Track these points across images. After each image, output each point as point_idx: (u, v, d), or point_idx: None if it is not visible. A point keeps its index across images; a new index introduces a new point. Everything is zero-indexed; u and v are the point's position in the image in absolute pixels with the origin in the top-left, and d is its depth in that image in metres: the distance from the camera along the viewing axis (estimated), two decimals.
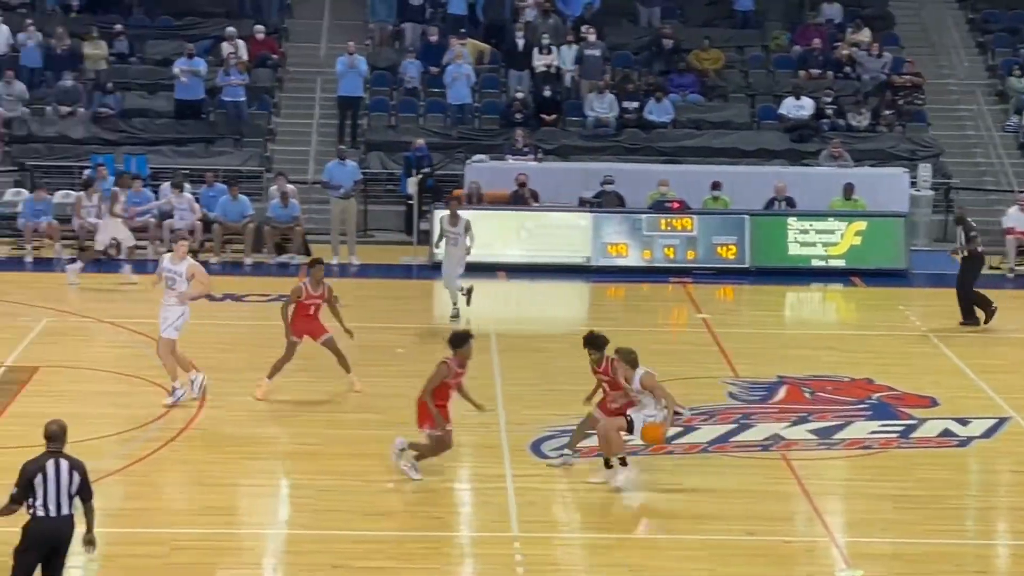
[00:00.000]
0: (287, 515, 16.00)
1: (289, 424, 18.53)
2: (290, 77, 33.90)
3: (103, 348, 21.35)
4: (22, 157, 30.43)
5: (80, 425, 17.70)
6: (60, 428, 12.47)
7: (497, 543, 15.07)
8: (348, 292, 25.12)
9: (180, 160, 30.47)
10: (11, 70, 31.43)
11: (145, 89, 32.47)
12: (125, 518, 15.40)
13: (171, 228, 27.42)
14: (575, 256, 27.53)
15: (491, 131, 32.14)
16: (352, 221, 28.04)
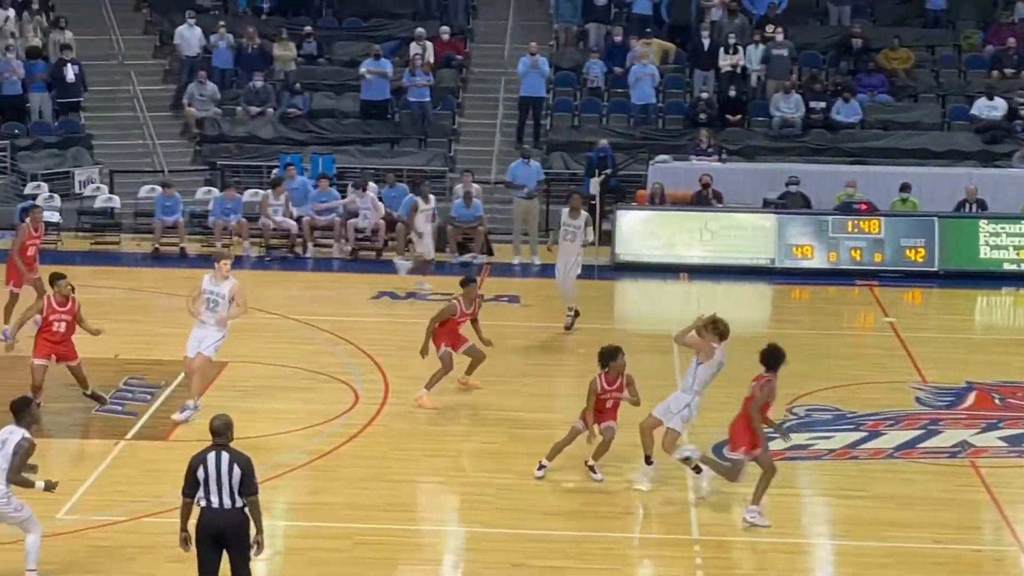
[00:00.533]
0: (467, 513, 16.07)
1: (470, 422, 18.61)
2: (474, 78, 34.11)
3: (290, 344, 21.66)
4: (213, 157, 31.07)
5: (266, 420, 18.13)
6: (224, 423, 12.73)
7: (676, 545, 14.98)
8: (529, 292, 25.24)
9: (365, 160, 30.83)
10: (204, 71, 32.11)
11: (332, 90, 32.93)
12: (310, 512, 15.64)
13: (355, 228, 27.79)
14: (759, 258, 27.24)
15: (675, 131, 31.97)
16: (535, 221, 28.09)
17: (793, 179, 28.59)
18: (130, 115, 32.26)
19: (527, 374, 20.61)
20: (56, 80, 31.42)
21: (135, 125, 32.05)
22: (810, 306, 25.83)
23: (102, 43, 33.74)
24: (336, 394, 19.29)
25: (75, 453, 17.06)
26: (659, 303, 25.55)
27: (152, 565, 14.06)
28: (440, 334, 19.13)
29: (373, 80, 31.69)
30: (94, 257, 26.82)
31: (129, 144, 31.72)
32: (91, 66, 32.37)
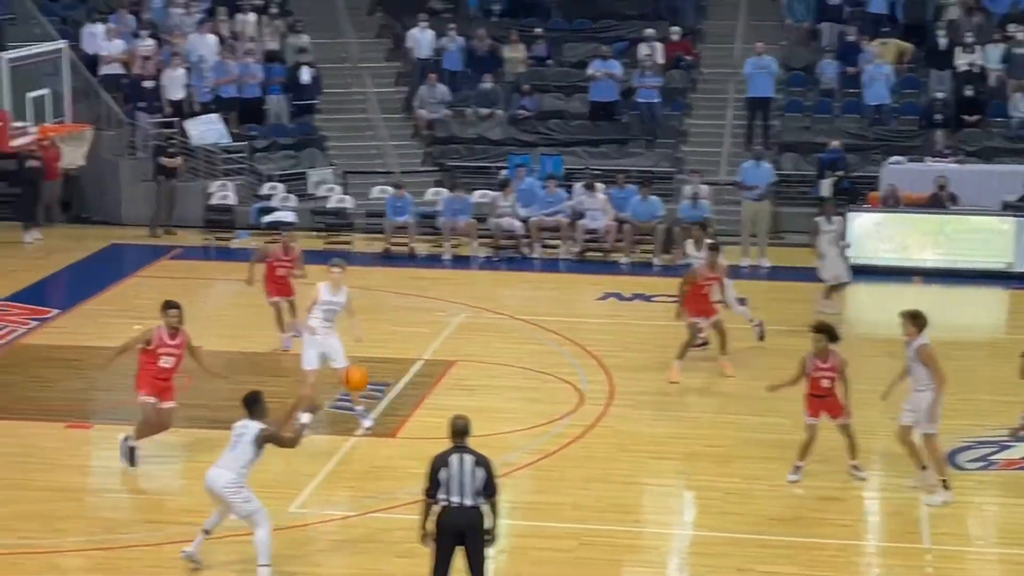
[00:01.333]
0: (692, 516, 15.97)
1: (696, 425, 18.50)
2: (704, 78, 33.89)
3: (516, 344, 21.79)
4: (442, 158, 31.43)
5: (492, 419, 18.26)
6: (466, 424, 12.88)
7: (907, 554, 14.68)
8: (758, 294, 24.94)
9: (593, 161, 30.86)
10: (434, 73, 32.52)
11: (561, 91, 33.05)
12: (534, 511, 15.70)
13: (584, 229, 27.83)
14: (996, 262, 26.50)
15: (909, 132, 31.30)
16: (764, 223, 27.78)
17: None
18: (363, 117, 32.84)
19: (755, 377, 20.34)
20: (292, 83, 32.15)
21: (368, 127, 32.61)
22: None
23: (337, 47, 34.39)
24: (561, 394, 19.34)
25: (306, 449, 17.34)
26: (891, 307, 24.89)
27: (381, 560, 14.27)
28: (689, 302, 19.72)
29: (602, 81, 31.71)
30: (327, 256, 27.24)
31: (362, 146, 32.28)
32: (326, 69, 33.04)
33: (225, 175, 30.23)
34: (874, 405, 18.84)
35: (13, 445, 17.40)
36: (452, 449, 12.74)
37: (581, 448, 17.55)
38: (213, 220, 29.13)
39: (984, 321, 24.66)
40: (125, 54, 31.17)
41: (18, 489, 16.08)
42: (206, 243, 28.29)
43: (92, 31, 31.30)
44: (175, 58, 30.72)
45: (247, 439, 13.68)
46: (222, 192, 29.61)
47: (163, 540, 14.67)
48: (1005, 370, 20.56)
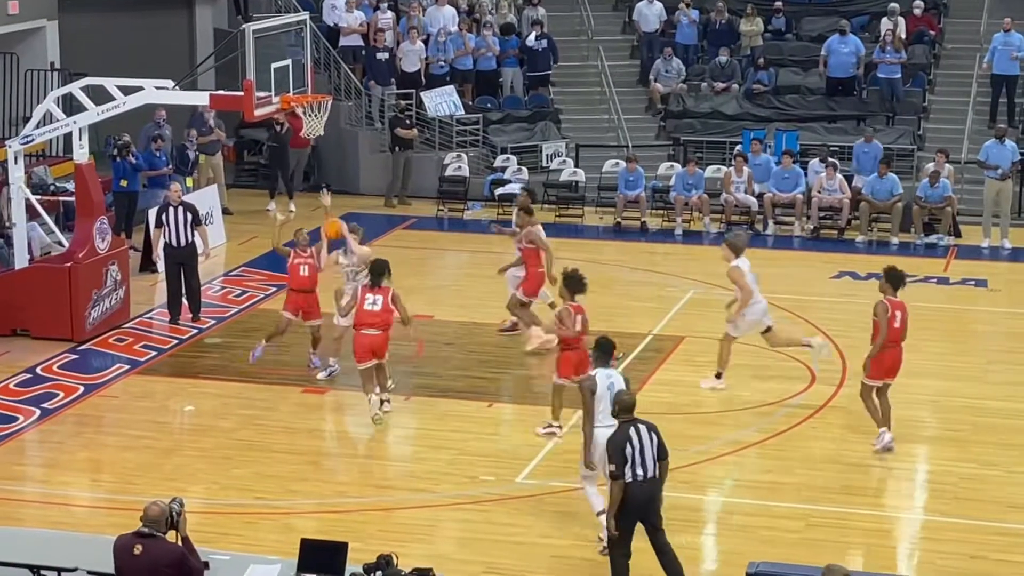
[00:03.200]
0: (925, 500, 15.67)
1: (932, 409, 18.11)
2: (947, 54, 33.09)
3: None
4: (676, 132, 31.27)
5: (721, 397, 18.19)
6: (632, 400, 12.97)
7: None
8: (998, 276, 24.35)
9: (830, 137, 30.38)
10: (670, 47, 32.36)
11: (799, 65, 32.59)
12: (763, 490, 15.57)
13: (819, 206, 27.42)
14: None
15: None
16: (1007, 203, 27.00)
17: None
18: (597, 90, 32.85)
19: (993, 360, 19.90)
20: (527, 56, 32.31)
21: (602, 100, 32.61)
22: None
23: (572, 19, 34.46)
24: (792, 373, 19.12)
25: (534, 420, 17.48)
26: None
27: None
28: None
29: (840, 56, 31.15)
30: (559, 229, 27.44)
31: (595, 119, 32.31)
32: (561, 42, 33.11)
33: (459, 147, 30.56)
34: None
35: (252, 408, 17.90)
36: (626, 424, 12.78)
37: (812, 428, 17.34)
38: (447, 191, 29.48)
39: None
40: (364, 25, 31.71)
41: (257, 451, 16.54)
42: (439, 214, 28.68)
43: (333, 3, 31.88)
44: (412, 30, 31.12)
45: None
46: (456, 163, 29.92)
47: (393, 505, 14.93)
48: None
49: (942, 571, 13.66)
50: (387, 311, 17.18)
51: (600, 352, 14.21)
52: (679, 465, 15.92)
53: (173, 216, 21.07)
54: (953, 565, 13.77)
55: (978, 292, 23.47)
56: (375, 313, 17.15)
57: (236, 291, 22.76)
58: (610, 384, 13.81)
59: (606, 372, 14.00)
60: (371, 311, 17.16)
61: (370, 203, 29.10)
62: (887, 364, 16.54)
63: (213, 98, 20.85)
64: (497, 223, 23.78)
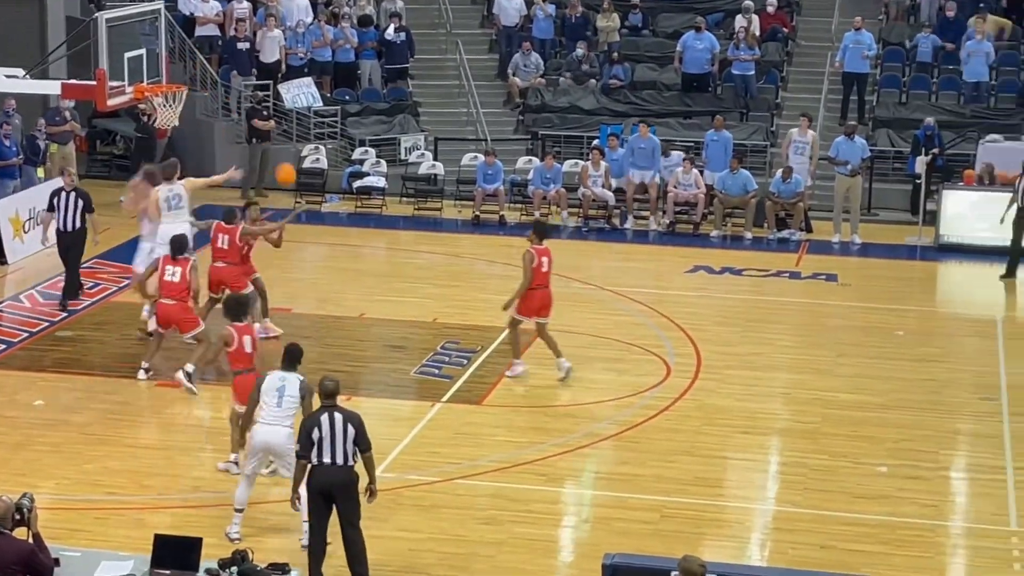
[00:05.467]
0: (777, 491, 15.92)
1: (783, 401, 18.41)
2: (800, 51, 33.61)
3: (604, 315, 21.77)
4: (534, 126, 31.38)
5: (579, 389, 18.31)
6: (336, 385, 13.02)
7: (993, 536, 14.55)
8: (849, 270, 24.79)
9: (686, 133, 30.69)
10: (528, 42, 32.46)
11: (655, 61, 32.88)
12: (618, 483, 15.72)
13: (674, 201, 27.69)
14: None
15: (1007, 110, 30.87)
16: (857, 199, 27.47)
17: None
18: (455, 84, 32.87)
19: (843, 354, 20.26)
20: (385, 48, 32.21)
21: (460, 94, 32.62)
22: None
23: (431, 12, 34.42)
24: (648, 366, 19.32)
25: (392, 413, 17.50)
26: (984, 287, 24.72)
27: (464, 526, 14.35)
28: None
29: (695, 52, 31.48)
30: (417, 222, 27.45)
31: (453, 112, 32.32)
32: (419, 35, 33.06)
33: (317, 139, 30.40)
34: (962, 385, 18.76)
35: (104, 402, 17.67)
36: (322, 409, 12.87)
37: (667, 420, 17.52)
38: (304, 183, 29.27)
39: None
40: (220, 15, 31.40)
41: (108, 445, 16.33)
42: (297, 206, 28.50)
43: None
44: (270, 20, 30.88)
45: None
46: (314, 156, 29.76)
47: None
48: None
49: (793, 561, 13.88)
50: (184, 282, 18.03)
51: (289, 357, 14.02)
52: (537, 458, 16.06)
53: (64, 201, 21.16)
54: (804, 555, 14.00)
55: (829, 286, 23.88)
56: (173, 284, 18.02)
57: (89, 284, 22.39)
58: (281, 387, 13.79)
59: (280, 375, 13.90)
60: (170, 282, 18.03)
61: (226, 195, 28.74)
62: (536, 304, 18.58)
63: (65, 87, 20.50)
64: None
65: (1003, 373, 19.34)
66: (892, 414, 17.75)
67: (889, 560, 13.89)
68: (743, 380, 18.93)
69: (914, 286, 24.82)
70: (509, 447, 16.37)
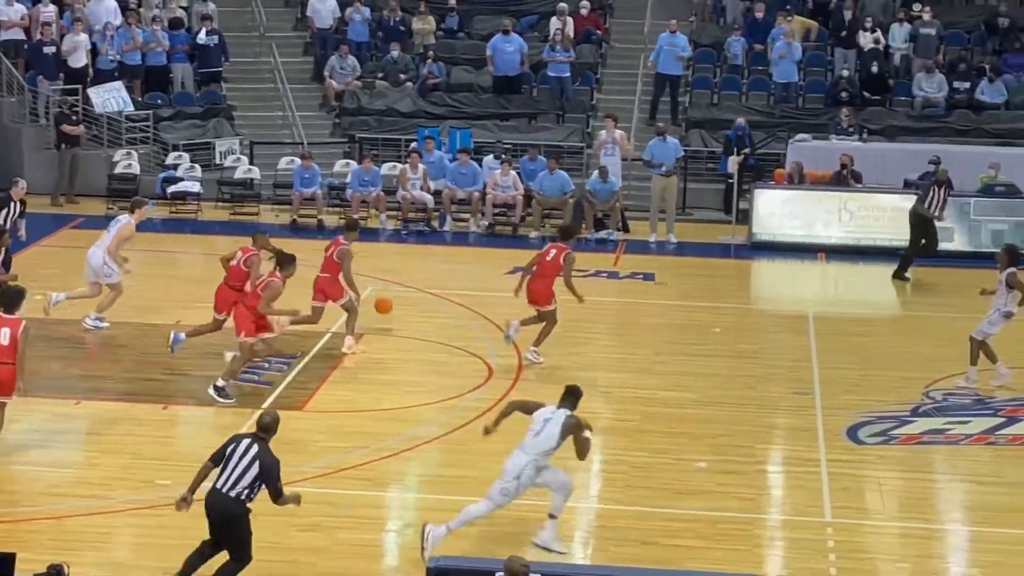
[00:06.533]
0: (599, 489, 16.06)
1: (604, 400, 18.56)
2: (614, 53, 33.99)
3: (425, 318, 21.77)
4: (352, 129, 31.27)
5: (402, 393, 18.27)
6: (273, 421, 12.79)
7: (808, 527, 14.84)
8: (666, 269, 25.13)
9: (503, 134, 30.84)
10: (345, 45, 32.31)
11: (471, 64, 32.99)
12: (443, 485, 15.70)
13: (493, 202, 27.82)
14: (898, 239, 26.80)
15: (815, 110, 31.60)
16: (672, 199, 27.89)
17: (934, 158, 28.08)
18: (270, 87, 32.61)
19: (661, 352, 20.52)
20: (197, 51, 31.83)
21: (275, 97, 32.38)
22: (949, 289, 25.37)
23: (244, 15, 34.11)
24: (470, 368, 19.36)
25: (211, 422, 17.28)
26: (796, 283, 25.27)
27: (283, 534, 14.20)
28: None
29: (505, 55, 31.63)
30: (233, 227, 27.14)
31: (269, 116, 32.07)
32: (233, 38, 32.74)
33: (129, 144, 29.91)
34: (777, 380, 19.13)
35: None
36: (248, 435, 12.65)
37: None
38: (117, 189, 28.81)
39: (886, 298, 24.95)
40: (25, 19, 30.72)
41: None
42: (110, 212, 27.95)
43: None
44: (77, 24, 30.29)
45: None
46: (126, 161, 29.29)
47: (65, 513, 14.52)
48: (906, 346, 20.94)
49: (615, 558, 14.01)
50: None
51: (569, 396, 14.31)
52: (360, 462, 16.00)
53: (14, 211, 21.79)
54: (626, 551, 14.15)
55: (646, 285, 24.18)
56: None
57: None
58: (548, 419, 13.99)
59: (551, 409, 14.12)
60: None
61: (36, 202, 28.10)
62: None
63: None
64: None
65: (816, 367, 19.76)
66: (710, 410, 18.04)
67: (710, 554, 14.09)
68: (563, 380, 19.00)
69: (729, 284, 25.26)
70: (332, 452, 16.27)
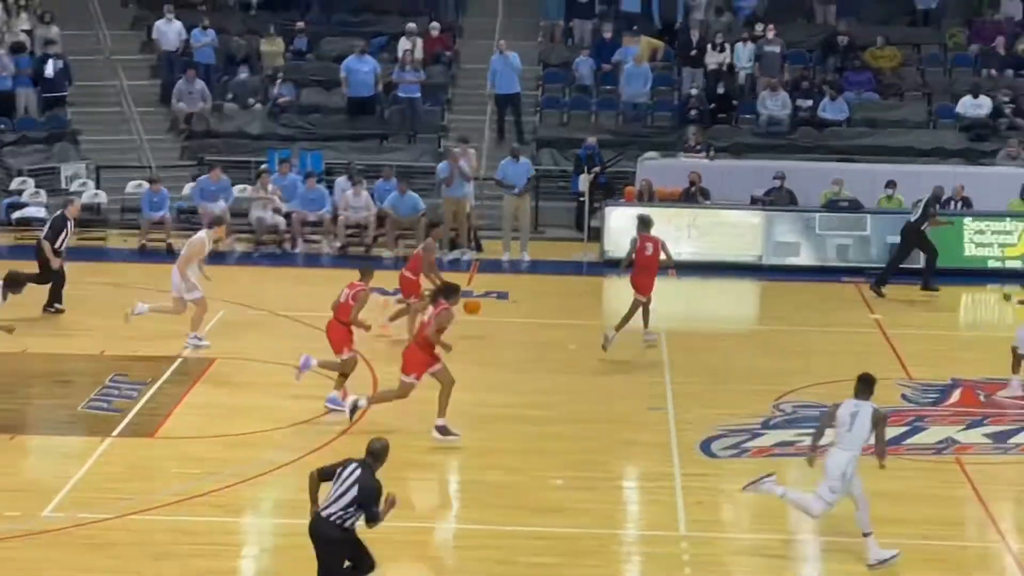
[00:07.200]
0: (457, 509, 16.07)
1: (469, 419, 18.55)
2: (463, 74, 34.12)
3: (278, 341, 21.63)
4: (201, 152, 31.00)
5: (255, 417, 18.13)
6: (381, 447, 13.02)
7: (664, 542, 14.99)
8: (520, 288, 25.26)
9: (354, 156, 30.79)
10: (192, 68, 32.03)
11: (321, 85, 32.91)
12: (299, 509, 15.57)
13: (345, 223, 27.75)
14: (746, 255, 27.26)
15: (663, 128, 32.00)
16: (525, 218, 28.05)
17: (779, 174, 28.64)
18: (117, 111, 32.23)
19: (518, 370, 20.61)
20: (41, 75, 31.35)
21: (122, 120, 32.01)
22: (797, 303, 25.85)
23: (88, 38, 33.68)
24: (326, 390, 19.25)
25: (61, 450, 17.02)
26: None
27: (138, 562, 14.04)
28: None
29: (360, 75, 31.59)
30: (81, 253, 26.72)
31: (116, 140, 31.68)
32: (78, 61, 32.30)
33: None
34: (632, 395, 19.32)
35: None
36: (359, 460, 12.80)
37: (345, 444, 17.44)
38: None
39: (736, 312, 25.33)
40: None
41: None
42: None
43: None
44: None
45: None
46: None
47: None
48: (756, 360, 21.27)
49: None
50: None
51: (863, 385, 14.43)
52: (213, 489, 15.84)
53: (70, 231, 23.22)
54: (484, 571, 14.18)
55: (500, 304, 24.27)
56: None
57: None
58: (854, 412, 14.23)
59: (854, 402, 14.34)
60: None
61: None
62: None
63: None
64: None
65: (668, 382, 19.99)
66: (566, 427, 18.15)
67: (569, 571, 14.17)
68: (421, 400, 19.04)
69: (583, 300, 25.46)
70: (185, 479, 16.09)
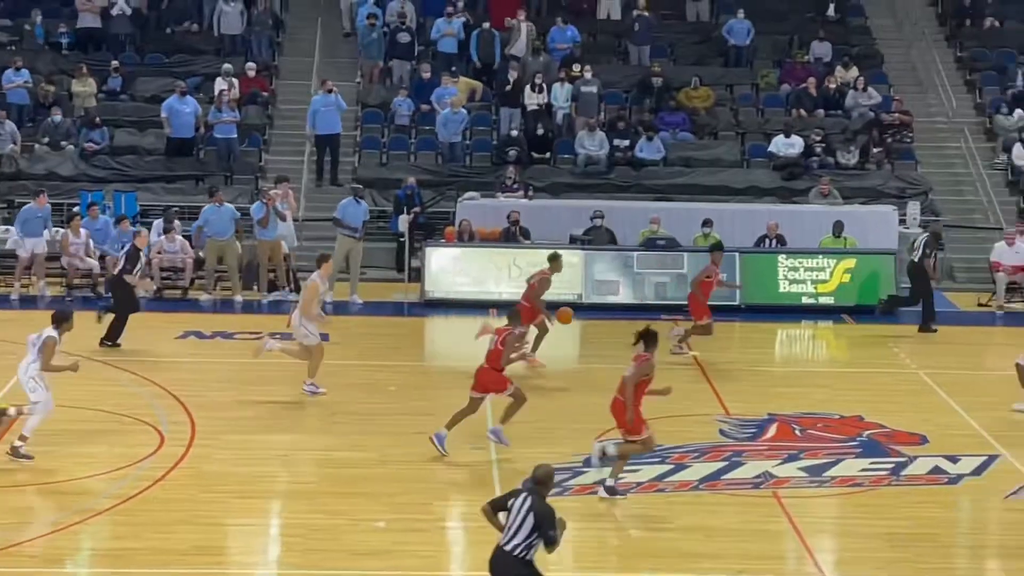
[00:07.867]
0: (277, 554, 15.93)
1: (280, 463, 18.44)
2: (280, 115, 33.96)
3: (93, 386, 21.23)
4: (11, 195, 30.40)
5: (70, 464, 17.77)
6: (546, 473, 12.75)
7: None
8: (344, 329, 25.13)
9: (170, 197, 30.45)
10: (4, 110, 31.40)
11: (135, 126, 32.50)
12: (115, 558, 15.33)
13: (160, 266, 27.40)
14: (566, 293, 27.47)
15: (482, 168, 32.19)
16: (357, 260, 27.75)
17: (597, 213, 28.97)
18: None
19: (338, 412, 20.52)
20: None
21: None
22: (617, 341, 26.06)
23: None
24: (141, 436, 18.98)
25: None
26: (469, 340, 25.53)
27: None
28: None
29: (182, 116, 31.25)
30: None
31: None
32: None
33: None
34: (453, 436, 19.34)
35: None
36: (527, 489, 12.62)
37: (163, 491, 17.23)
38: None
39: (556, 351, 25.48)
40: None
41: None
42: None
43: None
44: None
45: None
46: None
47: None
48: (576, 398, 21.45)
49: None
50: None
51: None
52: (26, 539, 15.49)
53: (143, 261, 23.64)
54: None
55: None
56: None
57: None
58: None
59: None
60: None
61: None
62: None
63: None
64: None
65: (490, 421, 20.03)
66: (388, 469, 18.10)
67: None
68: (239, 444, 18.87)
69: (404, 341, 25.46)
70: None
